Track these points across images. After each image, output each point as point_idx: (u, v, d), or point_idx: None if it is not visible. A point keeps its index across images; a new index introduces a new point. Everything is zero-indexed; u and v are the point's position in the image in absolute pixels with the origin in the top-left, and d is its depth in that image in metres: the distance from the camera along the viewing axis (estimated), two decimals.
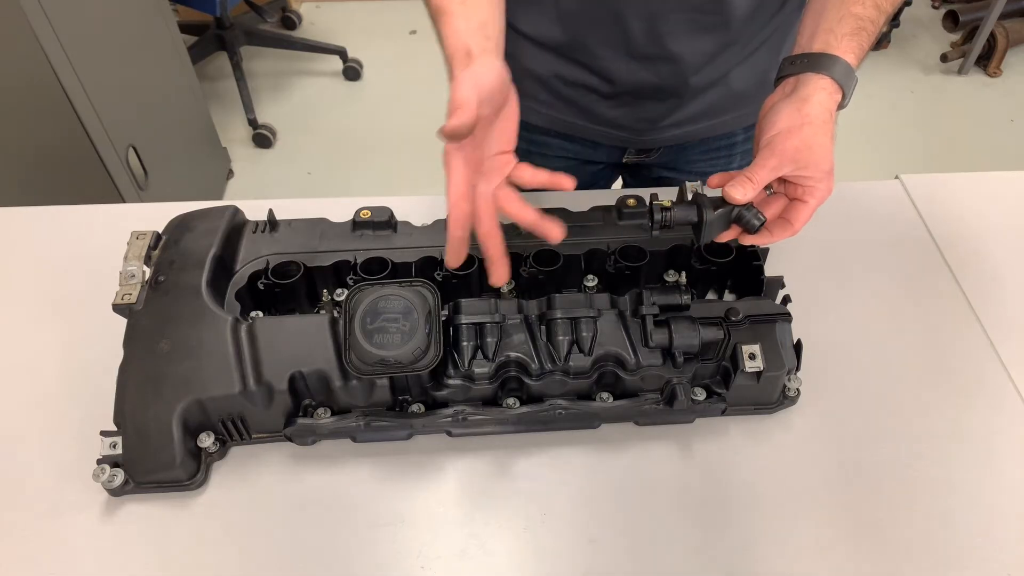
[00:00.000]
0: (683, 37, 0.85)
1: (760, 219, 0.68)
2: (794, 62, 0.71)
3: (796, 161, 0.66)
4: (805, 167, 0.66)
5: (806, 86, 0.68)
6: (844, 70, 0.68)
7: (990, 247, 0.94)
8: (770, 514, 0.69)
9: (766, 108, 0.71)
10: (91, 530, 0.67)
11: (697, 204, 0.69)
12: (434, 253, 0.78)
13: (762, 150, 0.68)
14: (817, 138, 0.66)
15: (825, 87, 0.68)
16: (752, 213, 0.67)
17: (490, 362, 0.70)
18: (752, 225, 0.68)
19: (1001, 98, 2.87)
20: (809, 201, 0.69)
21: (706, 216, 0.67)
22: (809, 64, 0.69)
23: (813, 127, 0.66)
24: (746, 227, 0.68)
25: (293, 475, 0.71)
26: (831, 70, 0.68)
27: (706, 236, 0.69)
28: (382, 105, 2.80)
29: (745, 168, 0.68)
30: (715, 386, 0.74)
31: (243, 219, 0.82)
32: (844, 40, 0.69)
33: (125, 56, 1.80)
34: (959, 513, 0.69)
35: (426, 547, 0.66)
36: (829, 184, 0.68)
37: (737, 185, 0.66)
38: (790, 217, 0.70)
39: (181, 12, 2.72)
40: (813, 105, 0.67)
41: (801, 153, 0.66)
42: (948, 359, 0.82)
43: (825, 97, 0.68)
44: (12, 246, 0.92)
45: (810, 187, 0.68)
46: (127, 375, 0.68)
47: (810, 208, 0.69)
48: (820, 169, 0.67)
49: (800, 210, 0.69)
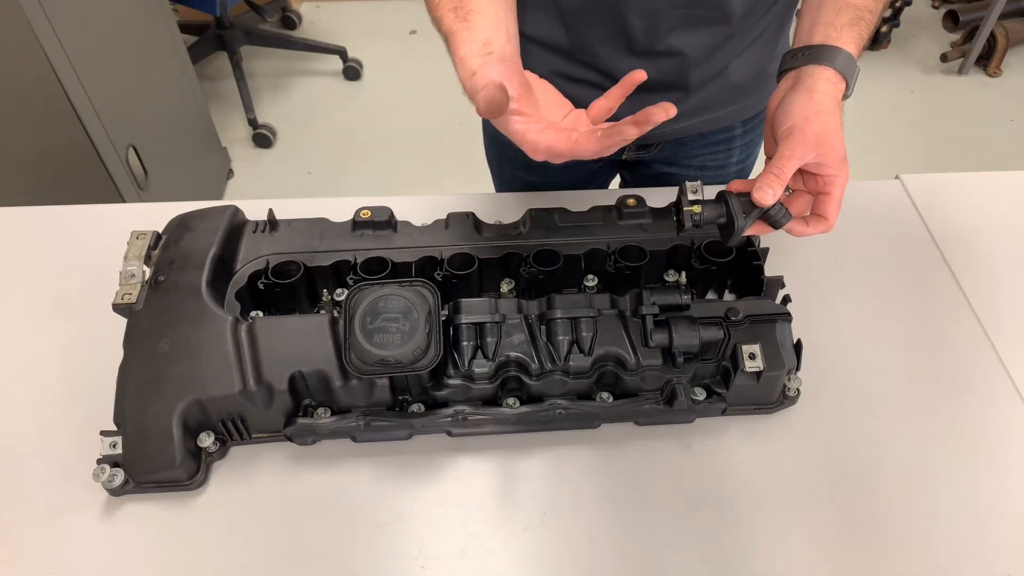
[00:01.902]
0: (683, 32, 0.85)
1: (787, 216, 0.68)
2: (796, 56, 0.71)
3: (818, 148, 0.66)
4: (825, 153, 0.66)
5: (810, 77, 0.68)
6: (846, 60, 0.69)
7: (990, 247, 0.94)
8: (770, 514, 0.69)
9: (775, 102, 0.71)
10: (91, 530, 0.67)
11: (728, 207, 0.67)
12: (434, 253, 0.78)
13: (782, 142, 0.67)
14: (831, 124, 0.67)
15: (829, 78, 0.68)
16: (779, 211, 0.67)
17: (490, 362, 0.70)
18: (779, 223, 0.68)
19: (1001, 98, 2.87)
20: (833, 192, 0.68)
21: (738, 224, 0.66)
22: (811, 56, 0.70)
23: (826, 114, 0.67)
24: (773, 225, 0.68)
25: (293, 475, 0.71)
26: (833, 61, 0.68)
27: (735, 239, 0.68)
28: (382, 105, 2.80)
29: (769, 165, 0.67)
30: (715, 386, 0.74)
31: (243, 219, 0.82)
32: (844, 31, 0.70)
33: (125, 56, 1.80)
34: (959, 513, 0.69)
35: (426, 547, 0.66)
36: (846, 171, 0.68)
37: (764, 187, 0.65)
38: (821, 211, 0.70)
39: (181, 12, 2.71)
40: (821, 95, 0.67)
41: (821, 139, 0.66)
42: (948, 359, 0.82)
43: (830, 87, 0.68)
44: (12, 246, 0.92)
45: (830, 176, 0.68)
46: (127, 375, 0.68)
47: (836, 199, 0.69)
48: (837, 155, 0.67)
49: (828, 203, 0.69)
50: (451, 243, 0.80)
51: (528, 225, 0.82)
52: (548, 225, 0.82)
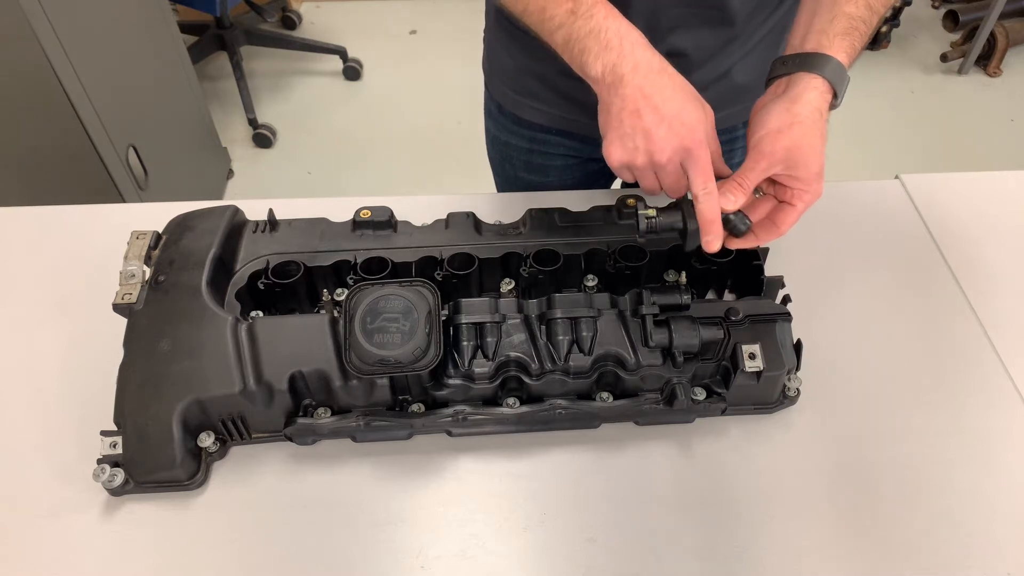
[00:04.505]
0: (685, 32, 0.85)
1: (746, 224, 0.68)
2: (786, 62, 0.71)
3: (786, 161, 0.66)
4: (795, 167, 0.66)
5: (797, 85, 0.68)
6: (836, 69, 0.68)
7: (990, 247, 0.94)
8: (770, 514, 0.69)
9: (756, 108, 0.71)
10: (91, 530, 0.67)
11: (682, 211, 0.69)
12: (434, 253, 0.78)
13: (751, 151, 0.67)
14: (807, 138, 0.66)
15: (817, 86, 0.67)
16: (738, 218, 0.68)
17: (490, 362, 0.70)
18: (738, 230, 0.68)
19: (1001, 98, 2.87)
20: (797, 205, 0.68)
21: (690, 225, 0.68)
22: (801, 64, 0.69)
23: (803, 127, 0.66)
24: (732, 231, 0.69)
25: (293, 475, 0.71)
26: (823, 69, 0.68)
27: (691, 243, 0.69)
28: (382, 105, 2.80)
29: (735, 172, 0.67)
30: (715, 386, 0.74)
31: (243, 219, 0.82)
32: (836, 40, 0.69)
33: (125, 56, 1.80)
34: (959, 513, 0.69)
35: (426, 547, 0.66)
36: (819, 186, 0.68)
37: (727, 193, 0.66)
38: (777, 220, 0.70)
39: (181, 12, 2.72)
40: (803, 104, 0.67)
41: (791, 153, 0.65)
42: (948, 359, 0.82)
43: (816, 96, 0.67)
44: (12, 246, 0.92)
45: (799, 190, 0.68)
46: (127, 375, 0.68)
47: (798, 211, 0.69)
48: (809, 170, 0.66)
49: (788, 213, 0.69)
50: (451, 243, 0.80)
51: (528, 225, 0.82)
52: (548, 225, 0.82)
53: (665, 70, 0.67)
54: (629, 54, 0.66)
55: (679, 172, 0.67)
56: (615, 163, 0.69)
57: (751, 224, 0.69)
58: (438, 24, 3.15)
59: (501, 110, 1.06)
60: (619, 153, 0.68)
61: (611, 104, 0.67)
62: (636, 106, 0.65)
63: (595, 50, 0.67)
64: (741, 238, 0.69)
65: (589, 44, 0.67)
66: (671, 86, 0.67)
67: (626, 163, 0.68)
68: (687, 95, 0.67)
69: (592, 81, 0.69)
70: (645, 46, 0.68)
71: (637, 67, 0.66)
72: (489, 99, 1.09)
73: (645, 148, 0.66)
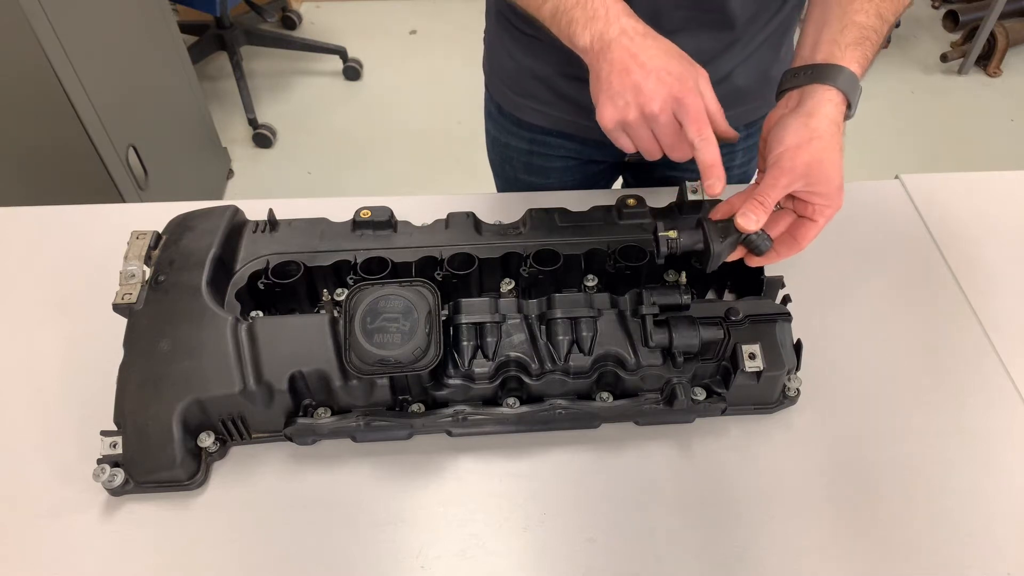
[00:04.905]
0: (686, 36, 0.85)
1: (767, 243, 0.67)
2: (797, 74, 0.70)
3: (807, 177, 0.65)
4: (816, 183, 0.65)
5: (812, 98, 0.67)
6: (849, 80, 0.67)
7: (990, 247, 0.94)
8: (770, 514, 0.69)
9: (770, 123, 0.70)
10: (91, 530, 0.67)
11: (704, 233, 0.68)
12: (434, 253, 0.78)
13: (770, 168, 0.66)
14: (827, 153, 0.65)
15: (831, 98, 0.66)
16: (760, 237, 0.67)
17: (490, 362, 0.70)
18: (760, 249, 0.68)
19: (1001, 98, 2.87)
20: (818, 220, 0.68)
21: (714, 248, 0.67)
22: (814, 75, 0.68)
23: (822, 141, 0.65)
24: (753, 250, 0.68)
25: (293, 475, 0.71)
26: (836, 80, 0.67)
27: (713, 264, 0.69)
28: (382, 105, 2.80)
29: (755, 190, 0.67)
30: (715, 386, 0.74)
31: (243, 219, 0.82)
32: (848, 50, 0.68)
33: (125, 56, 1.80)
34: (959, 513, 0.69)
35: (426, 547, 0.66)
36: (839, 201, 0.67)
37: (748, 213, 0.65)
38: (797, 235, 0.69)
39: (181, 12, 2.72)
40: (820, 118, 0.66)
41: (812, 168, 0.65)
42: (948, 359, 0.82)
43: (832, 109, 0.66)
44: (12, 246, 0.92)
45: (820, 205, 0.67)
46: (127, 375, 0.68)
47: (819, 227, 0.68)
48: (831, 185, 0.66)
49: (809, 228, 0.69)
50: (451, 243, 0.80)
51: (528, 225, 0.82)
52: (548, 225, 0.82)
53: (650, 33, 0.68)
54: (615, 21, 0.67)
55: (673, 124, 0.67)
56: (608, 124, 0.68)
57: (772, 242, 0.68)
58: (438, 24, 3.15)
59: (501, 111, 1.06)
60: (610, 112, 0.67)
61: (600, 70, 0.67)
62: (624, 65, 0.66)
63: (582, 20, 0.68)
64: (762, 256, 0.69)
65: (576, 15, 0.68)
66: (657, 46, 0.67)
67: (619, 121, 0.67)
68: (674, 52, 0.67)
69: (581, 52, 0.69)
70: (630, 14, 0.68)
71: (624, 31, 0.67)
72: (489, 100, 1.09)
73: (635, 102, 0.66)
